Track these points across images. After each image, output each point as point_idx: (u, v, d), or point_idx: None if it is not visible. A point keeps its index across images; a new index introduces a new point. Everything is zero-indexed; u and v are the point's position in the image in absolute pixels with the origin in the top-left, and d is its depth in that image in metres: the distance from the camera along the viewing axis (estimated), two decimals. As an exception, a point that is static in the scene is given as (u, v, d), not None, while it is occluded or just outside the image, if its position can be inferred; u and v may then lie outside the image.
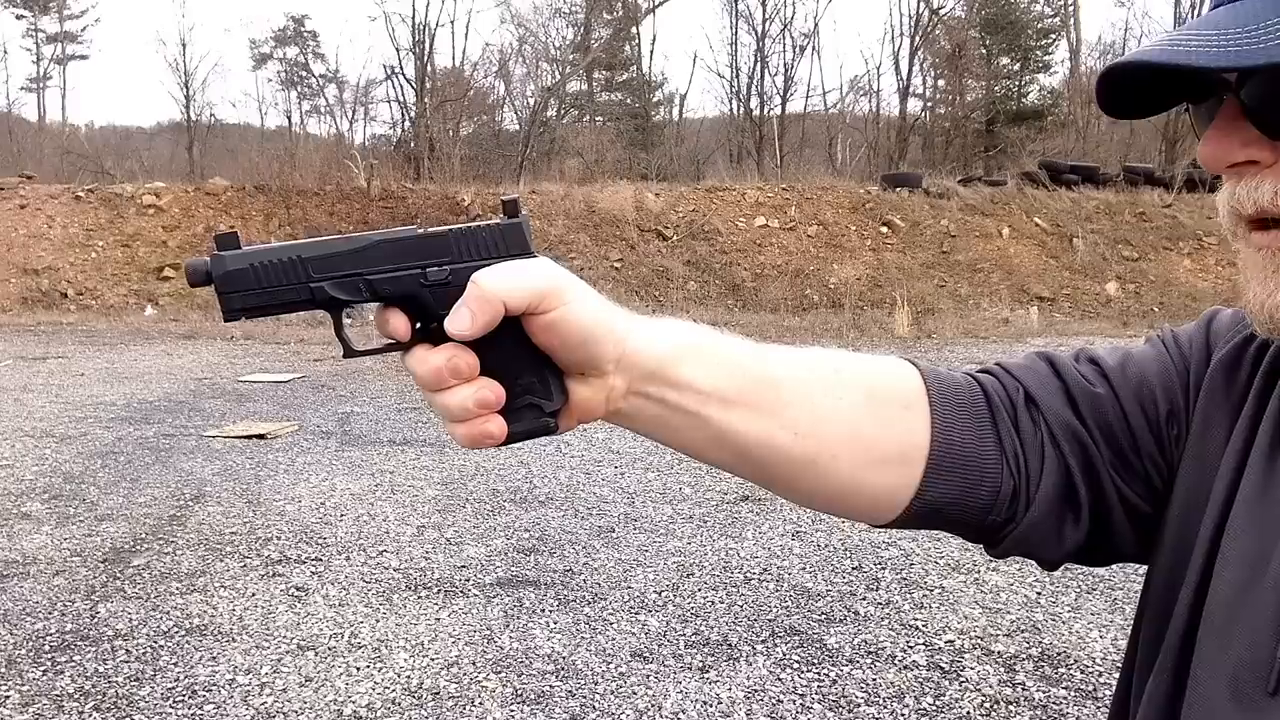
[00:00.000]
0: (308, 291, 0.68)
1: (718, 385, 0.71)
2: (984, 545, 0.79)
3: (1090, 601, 4.50)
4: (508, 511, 5.90)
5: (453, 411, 0.67)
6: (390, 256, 0.68)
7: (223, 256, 0.67)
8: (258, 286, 0.67)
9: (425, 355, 0.67)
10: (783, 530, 5.55)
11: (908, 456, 0.74)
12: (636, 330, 0.69)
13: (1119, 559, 0.79)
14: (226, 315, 0.69)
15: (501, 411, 0.67)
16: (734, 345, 0.74)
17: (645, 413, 0.71)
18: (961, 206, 20.36)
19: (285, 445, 7.65)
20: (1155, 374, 0.76)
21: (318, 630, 4.17)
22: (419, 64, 29.78)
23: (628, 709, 3.49)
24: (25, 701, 3.53)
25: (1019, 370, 0.79)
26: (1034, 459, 0.75)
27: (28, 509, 5.90)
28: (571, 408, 0.70)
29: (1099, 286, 19.05)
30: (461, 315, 0.65)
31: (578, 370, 0.69)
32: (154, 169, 26.22)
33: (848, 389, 0.75)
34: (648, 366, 0.69)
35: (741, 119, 32.41)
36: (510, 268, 0.66)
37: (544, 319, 0.66)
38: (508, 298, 0.64)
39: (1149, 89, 0.65)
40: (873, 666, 3.84)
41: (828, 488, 0.75)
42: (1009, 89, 31.85)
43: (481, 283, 0.65)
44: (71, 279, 17.93)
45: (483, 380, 0.67)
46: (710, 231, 19.54)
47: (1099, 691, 3.64)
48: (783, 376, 0.73)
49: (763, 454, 0.73)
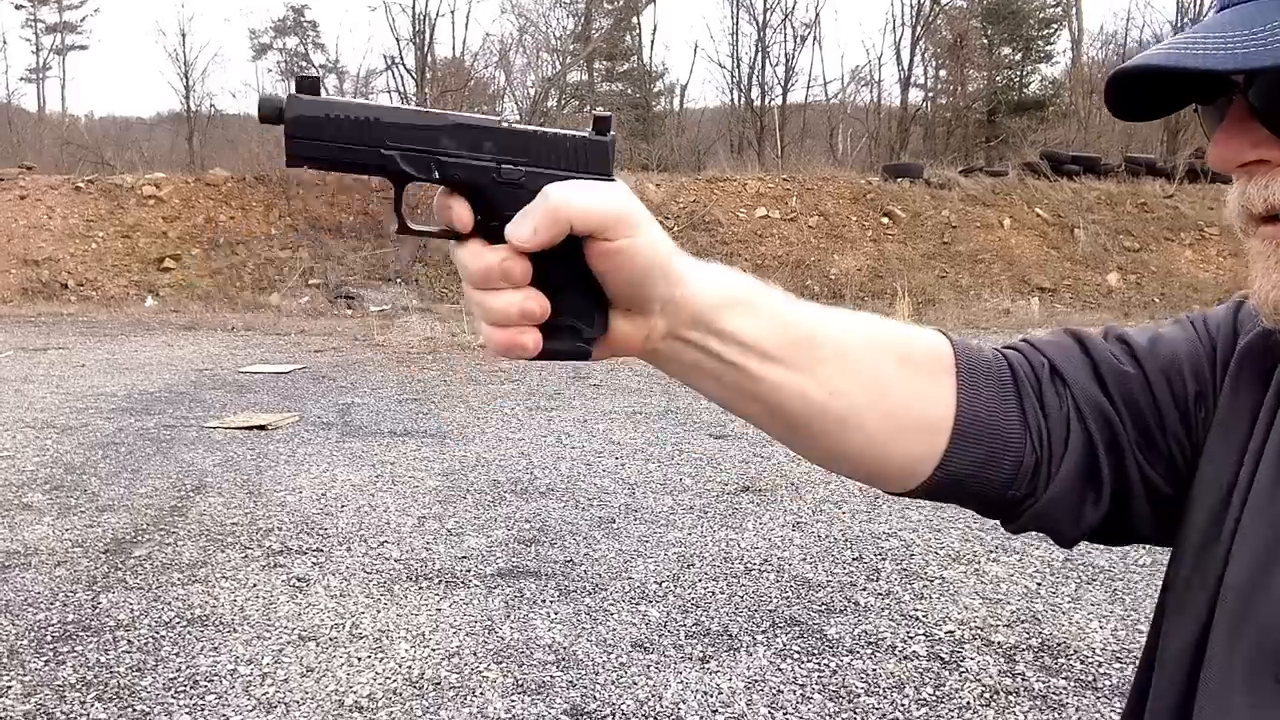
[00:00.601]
0: (378, 157, 0.65)
1: (761, 339, 0.70)
2: (1001, 520, 0.79)
3: (1090, 592, 4.51)
4: (508, 502, 5.91)
5: (494, 314, 0.65)
6: (469, 142, 0.65)
7: (300, 98, 0.64)
8: (329, 139, 0.64)
9: (480, 251, 0.65)
10: (783, 521, 5.55)
11: (934, 425, 0.74)
12: (692, 276, 0.68)
13: (1135, 539, 0.79)
14: (290, 160, 0.65)
15: (541, 327, 0.65)
16: (778, 299, 0.73)
17: (683, 357, 0.70)
18: (963, 197, 20.33)
19: (286, 436, 7.66)
20: (1185, 354, 0.77)
21: (319, 621, 4.18)
22: (419, 54, 29.73)
23: (628, 699, 3.50)
24: (27, 692, 3.54)
25: (1046, 346, 0.79)
26: (1058, 434, 0.75)
27: (29, 500, 5.91)
28: (610, 339, 0.68)
29: (1100, 277, 19.03)
30: (525, 225, 0.63)
31: (624, 305, 0.67)
32: (154, 160, 26.19)
33: (882, 353, 0.75)
34: (696, 313, 0.68)
35: (742, 109, 32.34)
36: (585, 187, 0.64)
37: (606, 246, 0.63)
38: (576, 218, 0.62)
39: (1158, 91, 0.65)
40: (873, 657, 3.85)
41: (853, 449, 0.75)
42: (1011, 79, 31.76)
43: (553, 197, 0.62)
44: (72, 270, 17.93)
45: (531, 290, 0.64)
46: (711, 222, 19.52)
47: (1099, 682, 3.65)
48: (822, 335, 0.73)
49: (796, 410, 0.73)
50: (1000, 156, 26.21)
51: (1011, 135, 28.53)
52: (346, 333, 14.36)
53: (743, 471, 6.60)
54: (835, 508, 5.77)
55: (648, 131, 31.19)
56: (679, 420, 8.11)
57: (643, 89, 34.80)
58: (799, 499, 5.96)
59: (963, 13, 31.20)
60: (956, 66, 30.85)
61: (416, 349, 12.81)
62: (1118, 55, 30.86)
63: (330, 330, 14.67)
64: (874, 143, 30.54)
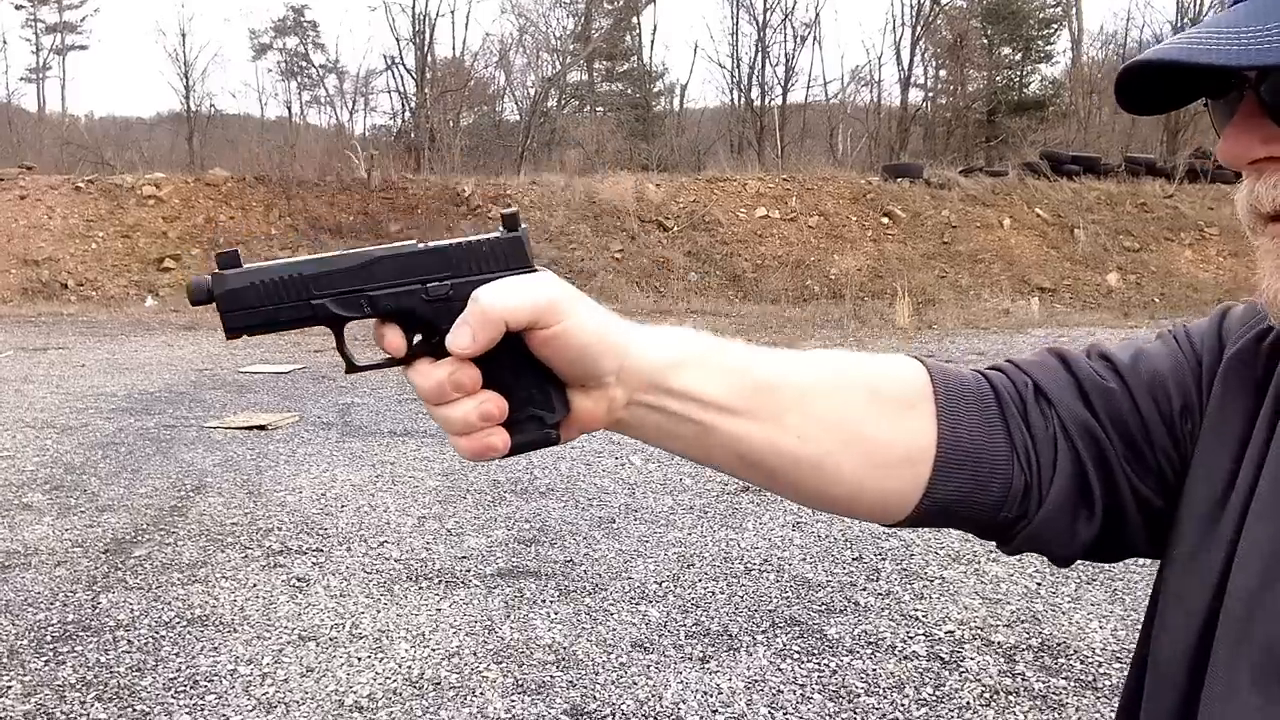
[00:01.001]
0: (309, 309, 0.68)
1: (718, 393, 0.71)
2: (997, 542, 0.79)
3: (1090, 592, 4.51)
4: (508, 502, 5.91)
5: (455, 425, 0.67)
6: (391, 272, 0.68)
7: (224, 275, 0.68)
8: (260, 304, 0.68)
9: (428, 370, 0.67)
10: (783, 521, 5.55)
11: (914, 457, 0.74)
12: (635, 341, 0.69)
13: (1130, 554, 0.79)
14: (229, 333, 0.69)
15: (504, 424, 0.68)
16: (734, 352, 0.74)
17: (647, 422, 0.71)
18: (962, 197, 20.33)
19: (286, 436, 7.66)
20: (1168, 369, 0.76)
21: (319, 621, 4.18)
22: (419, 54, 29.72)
23: (628, 699, 3.50)
24: (27, 692, 3.54)
25: (1029, 365, 0.79)
26: (1045, 454, 0.75)
27: (29, 500, 5.91)
28: (573, 418, 0.70)
29: (1100, 277, 19.03)
30: (463, 333, 0.65)
31: (579, 382, 0.69)
32: (154, 160, 26.19)
33: (851, 391, 0.75)
34: (646, 377, 0.69)
35: (742, 109, 32.34)
36: (511, 284, 0.66)
37: (544, 334, 0.66)
38: (508, 315, 0.64)
39: (1168, 85, 0.65)
40: (873, 657, 3.85)
41: (834, 491, 0.75)
42: (1010, 79, 31.77)
43: (483, 301, 0.65)
44: (72, 270, 17.93)
45: (485, 393, 0.67)
46: (711, 222, 19.52)
47: (1099, 682, 3.65)
48: (784, 382, 0.73)
49: (767, 459, 0.73)
50: (1000, 156, 26.23)
51: (1011, 135, 28.55)
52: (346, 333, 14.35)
53: (743, 471, 6.60)
54: (835, 508, 5.77)
55: (648, 131, 31.20)
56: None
57: (643, 89, 34.81)
58: (799, 499, 5.96)
59: (963, 13, 31.22)
60: (956, 66, 30.86)
61: (416, 349, 12.81)
62: (1118, 55, 30.89)
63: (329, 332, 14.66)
64: (874, 143, 30.55)
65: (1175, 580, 0.72)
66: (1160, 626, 0.73)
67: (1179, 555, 0.73)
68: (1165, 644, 0.71)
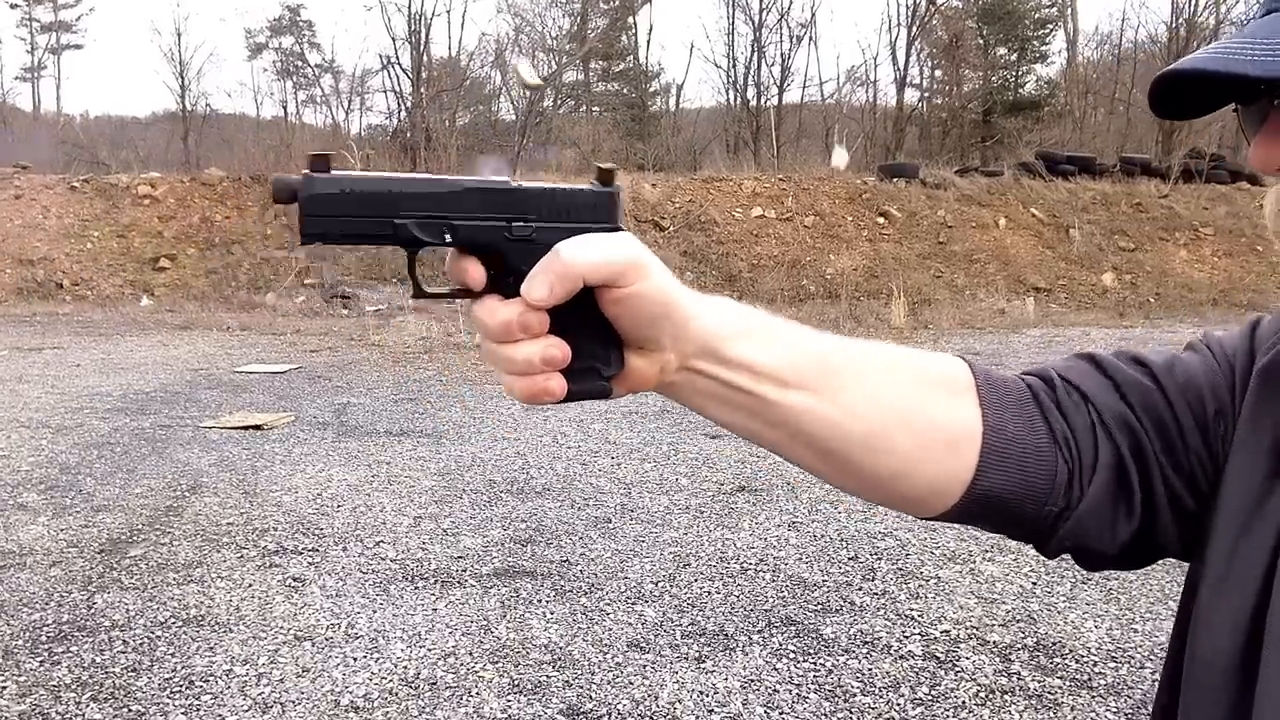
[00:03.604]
0: (391, 227, 0.67)
1: (773, 365, 0.71)
2: (1036, 543, 0.79)
3: (1085, 591, 4.51)
4: (504, 502, 5.91)
5: (516, 364, 0.67)
6: (480, 205, 0.68)
7: (314, 177, 0.66)
8: (344, 213, 0.67)
9: (497, 307, 0.67)
10: (779, 521, 5.56)
11: (961, 443, 0.74)
12: (696, 309, 0.70)
13: (1161, 555, 0.80)
14: (305, 237, 0.67)
15: (562, 371, 0.68)
16: (787, 327, 0.74)
17: (697, 387, 0.72)
18: (958, 197, 20.35)
19: (282, 436, 7.65)
20: (1202, 375, 0.77)
21: (314, 621, 4.17)
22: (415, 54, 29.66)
23: (624, 699, 3.50)
24: (23, 692, 3.53)
25: (1059, 368, 0.80)
26: (1086, 445, 0.75)
27: (24, 500, 5.90)
28: (625, 375, 0.70)
29: (1095, 277, 19.05)
30: (540, 284, 0.65)
31: (637, 344, 0.69)
32: (149, 159, 26.13)
33: (902, 374, 0.76)
34: (703, 344, 0.70)
35: (738, 109, 32.33)
36: (593, 242, 0.66)
37: (618, 293, 0.66)
38: (588, 272, 0.65)
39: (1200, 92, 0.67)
40: (868, 656, 3.85)
41: (882, 472, 0.75)
42: (1006, 79, 31.78)
43: (564, 255, 0.65)
44: (67, 269, 17.89)
45: (551, 338, 0.67)
46: (707, 222, 19.52)
47: (1094, 681, 3.65)
48: (837, 360, 0.74)
49: (818, 434, 0.73)
50: (996, 156, 26.25)
51: (1007, 135, 28.59)
52: (342, 332, 14.34)
53: (739, 471, 6.60)
54: (831, 507, 5.77)
55: (644, 131, 31.18)
56: (675, 420, 8.10)
57: (639, 89, 34.79)
58: (795, 499, 5.97)
59: (958, 13, 31.22)
60: (952, 67, 30.87)
61: (412, 349, 12.80)
62: (1113, 56, 30.93)
63: (326, 330, 14.65)
64: (870, 143, 30.56)
65: (1211, 591, 0.72)
66: (1198, 637, 0.73)
67: (1213, 567, 0.73)
68: (1206, 654, 0.71)
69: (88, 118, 39.97)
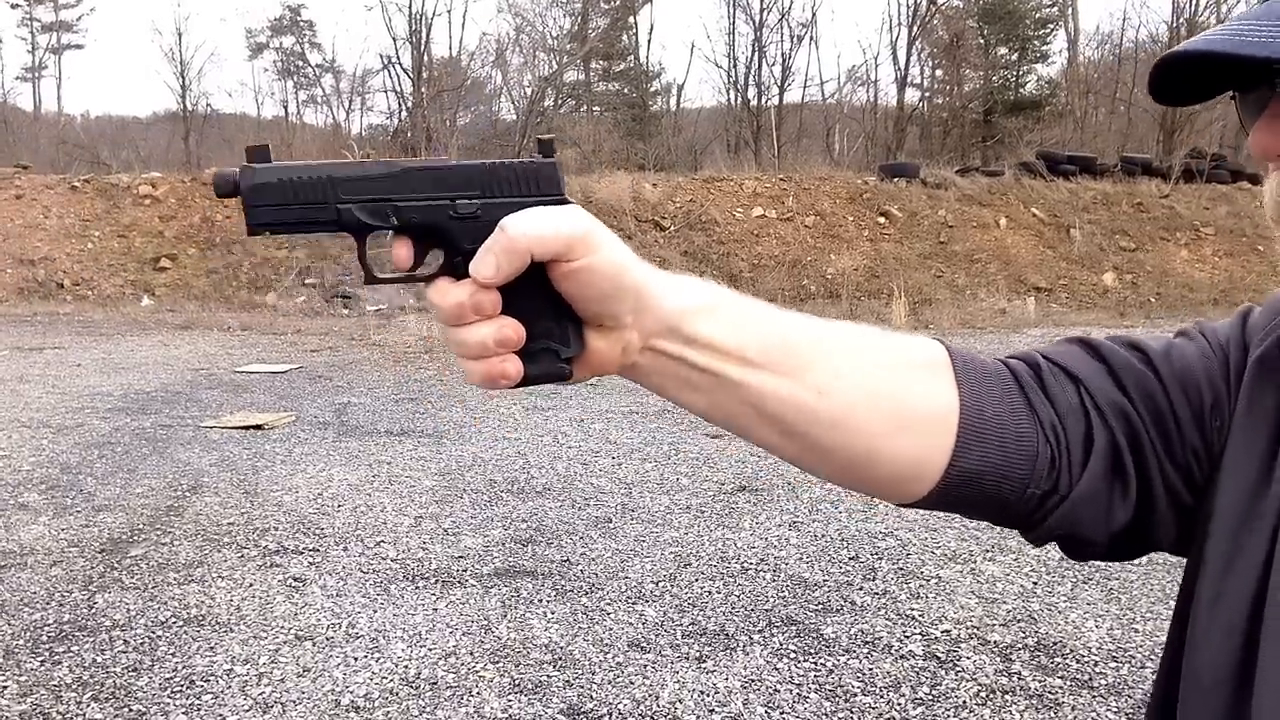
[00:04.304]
0: (334, 213, 0.67)
1: (737, 343, 0.69)
2: (1022, 528, 0.77)
3: (1086, 591, 4.51)
4: (505, 502, 5.91)
5: (471, 347, 0.66)
6: (422, 185, 0.67)
7: (253, 168, 0.66)
8: (286, 201, 0.66)
9: (448, 288, 0.66)
10: (780, 520, 5.56)
11: (936, 422, 0.72)
12: (657, 285, 0.68)
13: (1153, 548, 0.78)
14: (251, 229, 0.67)
15: (518, 353, 0.67)
16: (753, 305, 0.72)
17: (660, 369, 0.70)
18: (959, 197, 20.34)
19: (282, 436, 7.65)
20: (1198, 365, 0.75)
21: (315, 620, 4.17)
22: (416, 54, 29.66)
23: (625, 699, 3.50)
24: (23, 692, 3.53)
25: (1049, 352, 0.78)
26: (1074, 427, 0.73)
27: (25, 499, 5.90)
28: (587, 357, 0.69)
29: (1096, 277, 19.05)
30: (487, 261, 0.64)
31: (595, 321, 0.67)
32: (150, 159, 26.17)
33: (872, 351, 0.74)
34: (664, 322, 0.68)
35: (739, 109, 32.32)
36: (540, 215, 0.64)
37: (568, 267, 0.64)
38: (535, 246, 0.63)
39: (1199, 77, 0.65)
40: (869, 656, 3.85)
41: (853, 453, 0.73)
42: (1007, 79, 31.78)
43: (510, 229, 0.63)
44: (68, 269, 17.89)
45: (504, 319, 0.65)
46: (708, 222, 19.52)
47: (1094, 681, 3.65)
48: (805, 338, 0.72)
49: (785, 414, 0.71)
50: (996, 156, 26.24)
51: (1008, 135, 28.57)
52: (343, 332, 14.34)
53: (739, 471, 6.60)
54: (832, 507, 5.77)
55: (644, 131, 31.17)
56: (675, 420, 8.10)
57: (639, 89, 34.79)
58: (795, 498, 5.97)
59: (959, 12, 31.21)
60: (953, 66, 30.87)
61: (413, 348, 12.80)
62: (1114, 55, 30.92)
63: (327, 330, 14.65)
64: (870, 143, 30.55)
65: (1209, 588, 0.71)
66: (1196, 636, 0.71)
67: (1211, 563, 0.71)
68: (1205, 654, 0.70)
69: (88, 118, 40.07)
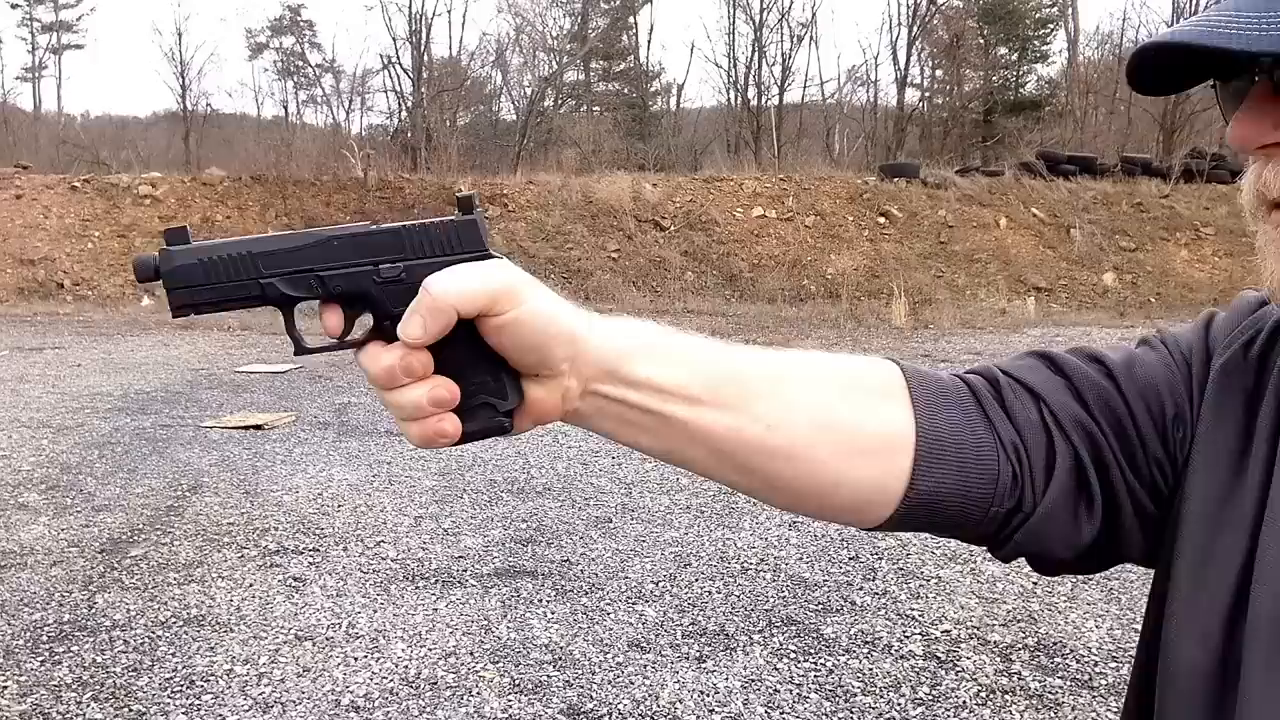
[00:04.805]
0: (258, 288, 0.67)
1: (679, 382, 0.68)
2: (990, 546, 0.77)
3: (1086, 591, 4.51)
4: (505, 502, 5.91)
5: (406, 410, 0.66)
6: (343, 253, 0.67)
7: (171, 252, 0.66)
8: (207, 282, 0.66)
9: (378, 353, 0.66)
10: (780, 520, 5.56)
11: (892, 445, 0.72)
12: (590, 330, 0.67)
13: (1121, 561, 0.77)
14: (175, 311, 0.67)
15: (456, 411, 0.66)
16: (695, 342, 0.71)
17: (604, 412, 0.69)
18: (959, 197, 20.34)
19: (282, 436, 7.65)
20: (1160, 376, 0.75)
21: (315, 620, 4.17)
22: (416, 54, 29.68)
23: (625, 699, 3.50)
24: (23, 692, 3.53)
25: (1007, 366, 0.77)
26: (1035, 444, 0.73)
27: (25, 500, 5.90)
28: (527, 408, 0.68)
29: (1096, 277, 19.05)
30: (414, 323, 0.64)
31: (531, 371, 0.67)
32: (150, 159, 26.15)
33: (822, 380, 0.73)
34: (602, 365, 0.67)
35: (739, 109, 32.31)
36: (462, 272, 0.64)
37: (496, 321, 0.64)
38: (459, 303, 0.63)
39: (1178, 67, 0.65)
40: (869, 656, 3.85)
41: (809, 483, 0.72)
42: (1007, 79, 31.80)
43: (433, 289, 0.63)
44: (68, 269, 17.90)
45: (437, 379, 0.65)
46: (708, 222, 19.52)
47: (1094, 681, 3.65)
48: (750, 371, 0.71)
49: (733, 450, 0.70)
50: (996, 156, 26.23)
51: (1008, 135, 28.56)
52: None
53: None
54: (832, 507, 5.77)
55: (644, 131, 31.19)
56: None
57: (639, 89, 34.81)
58: (795, 498, 5.96)
59: (959, 12, 31.22)
60: (953, 66, 30.88)
61: (413, 349, 12.80)
62: (1114, 55, 30.91)
63: (327, 330, 14.64)
64: (870, 143, 30.55)
65: (1181, 599, 0.70)
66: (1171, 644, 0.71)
67: (1183, 573, 0.70)
68: (1183, 661, 0.69)
69: (88, 118, 40.07)
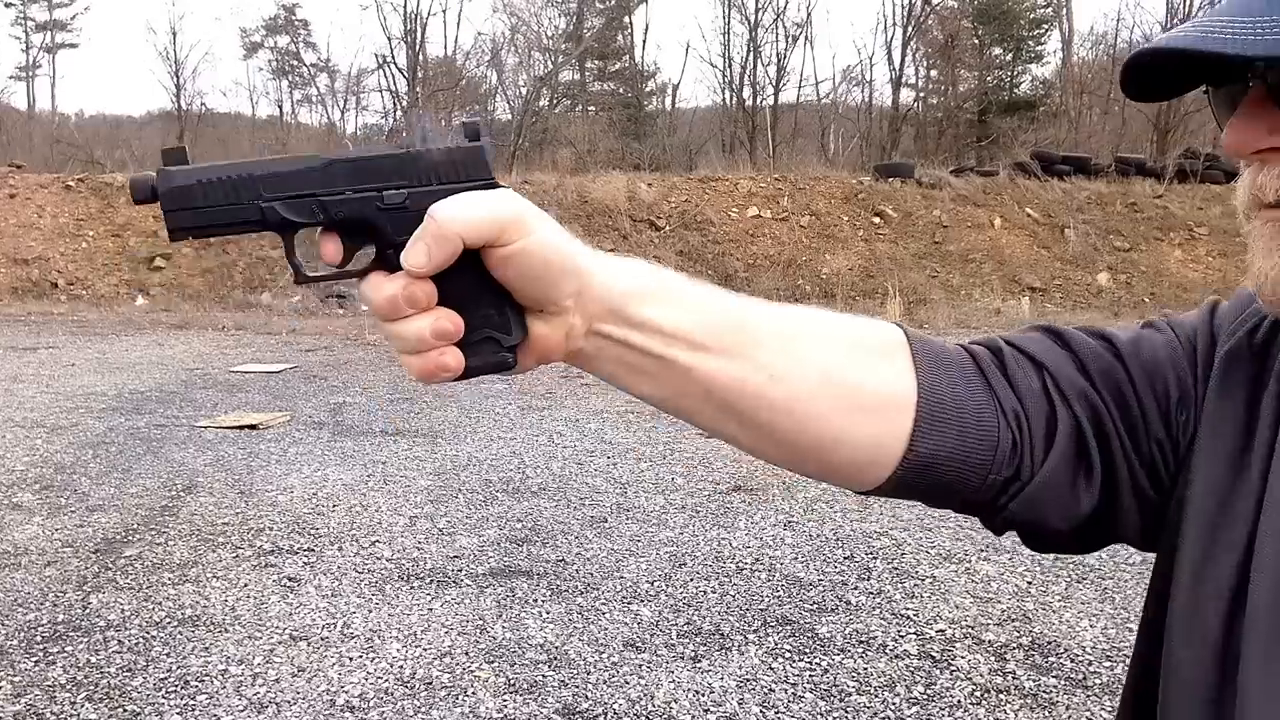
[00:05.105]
0: (258, 211, 0.64)
1: (684, 326, 0.67)
2: (983, 516, 0.76)
3: (1080, 591, 4.52)
4: (500, 502, 5.91)
5: (408, 342, 0.64)
6: (345, 178, 0.65)
7: (169, 172, 0.64)
8: (206, 204, 0.64)
9: (381, 283, 0.64)
10: (775, 520, 5.56)
11: (893, 405, 0.71)
12: (598, 267, 0.66)
13: (1116, 541, 0.77)
14: (172, 235, 0.65)
15: (459, 344, 0.64)
16: (703, 289, 0.70)
17: (607, 354, 0.68)
18: (954, 197, 20.37)
19: (277, 435, 7.64)
20: (1166, 358, 0.74)
21: (310, 620, 4.17)
22: (411, 53, 29.66)
23: (620, 699, 3.50)
24: (17, 692, 3.52)
25: (1012, 337, 0.77)
26: (1036, 412, 0.72)
27: (18, 499, 5.89)
28: (531, 345, 0.66)
29: (1090, 277, 19.08)
30: (418, 250, 0.62)
31: (536, 306, 0.65)
32: (144, 158, 26.07)
33: (826, 336, 0.72)
34: (608, 304, 0.66)
35: (734, 109, 32.32)
36: (469, 199, 0.62)
37: (503, 251, 0.62)
38: (465, 232, 0.61)
39: (1172, 73, 0.64)
40: (864, 656, 3.86)
41: (810, 438, 0.71)
42: (1001, 79, 31.84)
43: (439, 216, 0.61)
44: (62, 269, 17.86)
45: (440, 310, 0.63)
46: (703, 222, 19.53)
47: (1089, 680, 3.66)
48: (756, 321, 0.71)
49: (735, 399, 0.69)
50: (991, 156, 26.27)
51: (1002, 135, 28.61)
52: (338, 332, 14.33)
53: (734, 471, 6.60)
54: (827, 507, 5.78)
55: (640, 131, 31.18)
56: (671, 419, 8.08)
57: (635, 88, 34.80)
58: (791, 498, 5.97)
59: (954, 13, 31.26)
60: (947, 66, 30.91)
61: (408, 348, 12.78)
62: (1108, 56, 30.98)
63: (322, 329, 14.63)
64: (865, 143, 30.58)
65: (1184, 590, 0.70)
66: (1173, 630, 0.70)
67: (1185, 563, 0.70)
68: (1187, 653, 0.69)
69: (83, 117, 39.97)
